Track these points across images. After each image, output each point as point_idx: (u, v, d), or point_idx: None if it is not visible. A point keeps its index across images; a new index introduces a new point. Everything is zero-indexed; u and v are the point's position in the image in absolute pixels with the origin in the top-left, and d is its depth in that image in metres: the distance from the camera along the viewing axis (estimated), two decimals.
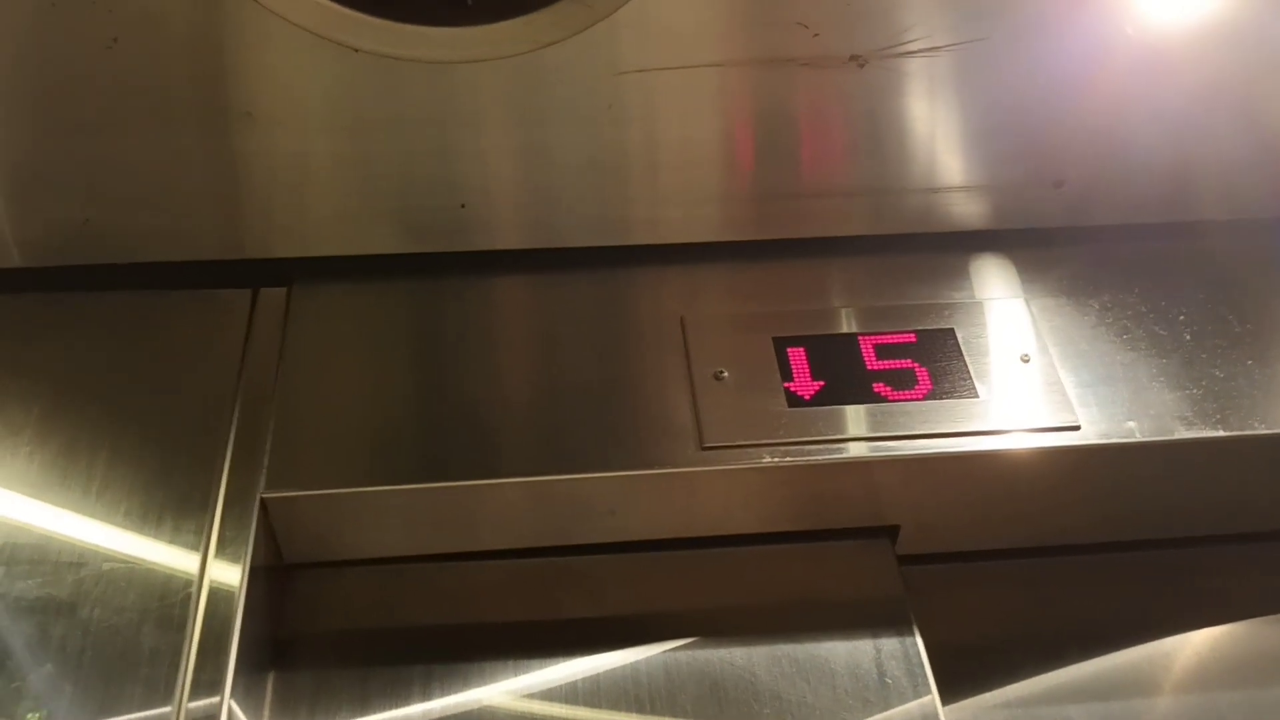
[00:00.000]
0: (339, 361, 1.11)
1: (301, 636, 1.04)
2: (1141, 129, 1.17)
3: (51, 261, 1.13)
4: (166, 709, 0.87)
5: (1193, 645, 1.11)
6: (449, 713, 0.98)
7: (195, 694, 0.88)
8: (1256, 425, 1.08)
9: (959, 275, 1.22)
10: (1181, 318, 1.18)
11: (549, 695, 1.00)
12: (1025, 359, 1.13)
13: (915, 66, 1.10)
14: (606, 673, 1.02)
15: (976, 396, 1.09)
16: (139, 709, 0.87)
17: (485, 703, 0.99)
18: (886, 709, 1.00)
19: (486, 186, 1.14)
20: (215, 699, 0.88)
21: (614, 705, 1.00)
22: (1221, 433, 1.08)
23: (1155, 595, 1.14)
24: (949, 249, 1.24)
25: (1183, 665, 1.09)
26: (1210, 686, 1.08)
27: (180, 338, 1.12)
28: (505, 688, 1.00)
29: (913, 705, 1.00)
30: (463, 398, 1.09)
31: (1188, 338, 1.16)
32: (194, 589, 0.93)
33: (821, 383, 1.10)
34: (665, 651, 1.03)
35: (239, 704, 0.91)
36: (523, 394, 1.09)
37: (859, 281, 1.21)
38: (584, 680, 1.01)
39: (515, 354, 1.13)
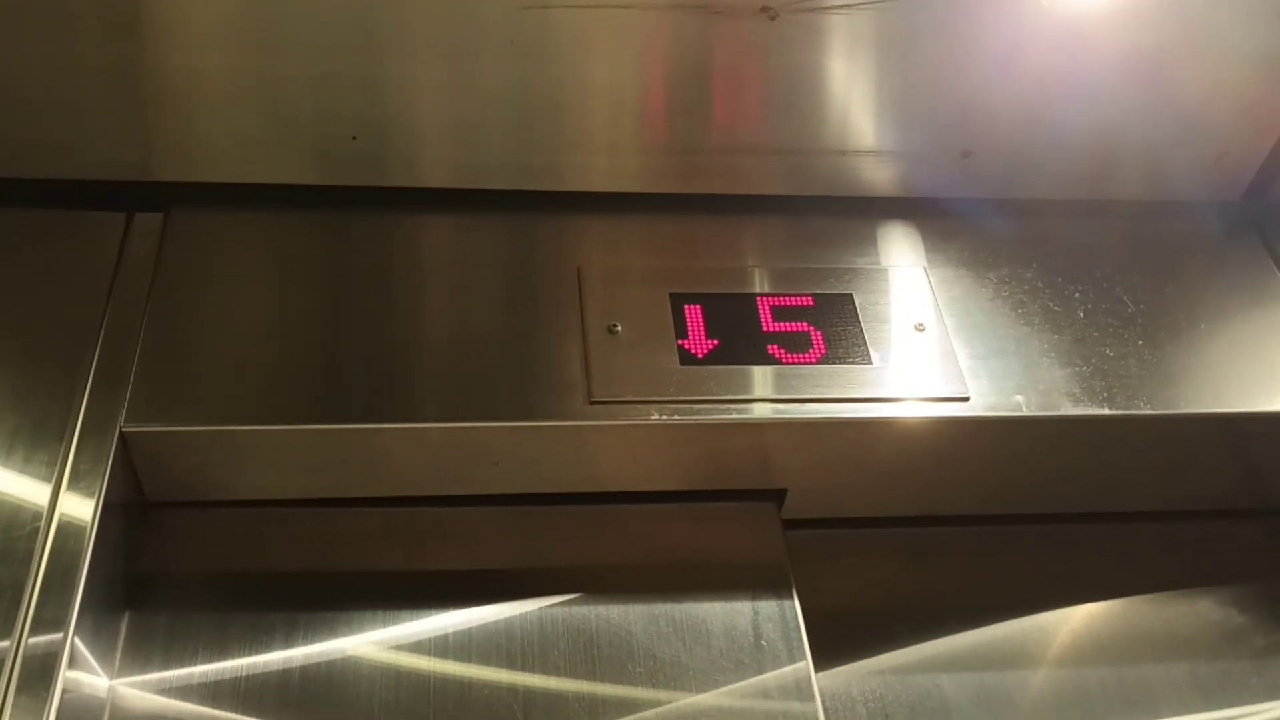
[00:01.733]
0: (212, 293, 1.06)
1: (161, 577, 0.99)
2: (1056, 104, 1.16)
3: None
4: (3, 643, 0.82)
5: (1068, 621, 1.12)
6: (311, 660, 0.95)
7: (36, 630, 0.83)
8: (1142, 405, 1.09)
9: (863, 241, 1.20)
10: (1076, 295, 1.18)
11: (418, 647, 0.97)
12: (920, 328, 1.12)
13: (828, 23, 1.07)
14: (479, 626, 0.99)
15: (870, 363, 1.08)
16: None
17: (350, 652, 0.96)
18: (760, 672, 0.99)
19: (397, 119, 1.10)
20: (58, 635, 0.84)
21: (485, 658, 0.98)
22: (1107, 411, 1.08)
23: (1035, 570, 1.15)
24: (855, 214, 1.22)
25: (1057, 640, 1.10)
26: (1083, 662, 1.09)
27: (47, 259, 1.06)
28: (372, 638, 0.98)
29: (786, 670, 0.99)
30: (341, 339, 1.04)
31: (1081, 315, 1.16)
32: (42, 521, 0.88)
33: (716, 341, 1.08)
34: (541, 607, 1.01)
35: (86, 644, 0.87)
36: (407, 339, 1.05)
37: (764, 242, 1.18)
38: (455, 633, 0.99)
39: (404, 297, 1.09)
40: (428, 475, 1.04)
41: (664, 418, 1.02)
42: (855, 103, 1.15)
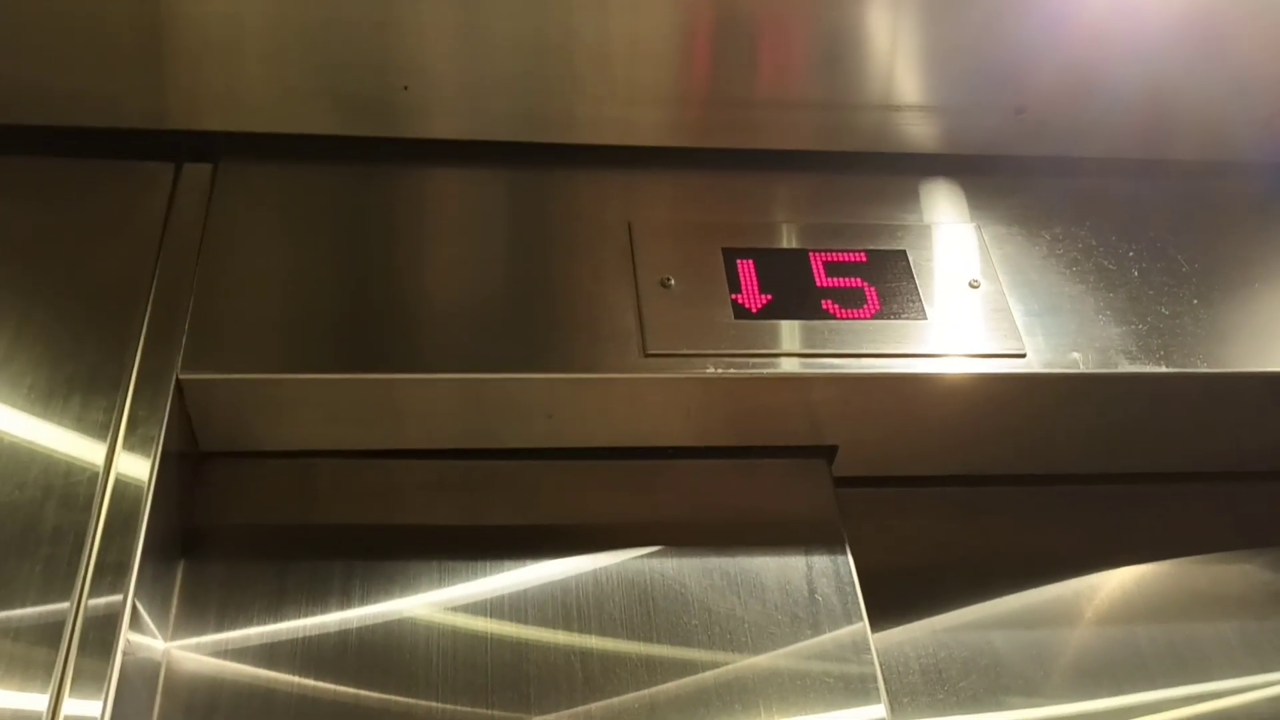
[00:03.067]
0: (265, 244, 1.05)
1: (214, 530, 0.98)
2: (1111, 61, 1.14)
3: None
4: (62, 604, 0.81)
5: (1118, 580, 1.11)
6: (367, 622, 0.94)
7: (97, 590, 0.82)
8: (1198, 363, 1.08)
9: (911, 197, 1.19)
10: (1131, 253, 1.17)
11: (474, 608, 0.96)
12: (974, 285, 1.11)
13: None
14: (534, 583, 0.99)
15: (925, 319, 1.07)
16: (36, 600, 0.81)
17: (406, 613, 0.95)
18: (815, 626, 0.99)
19: (431, 69, 1.08)
20: (118, 596, 0.82)
21: (540, 611, 0.97)
22: (1164, 369, 1.07)
23: (1085, 530, 1.15)
24: (906, 170, 1.21)
25: (1108, 599, 1.10)
26: (1133, 620, 1.08)
27: (98, 209, 1.05)
28: (429, 599, 0.96)
29: (844, 631, 0.99)
30: (394, 289, 1.04)
31: (1135, 274, 1.15)
32: (100, 472, 0.87)
33: (769, 296, 1.07)
34: (594, 561, 1.01)
35: (143, 604, 0.86)
36: (459, 289, 1.04)
37: (811, 198, 1.17)
38: (511, 593, 0.98)
39: (451, 248, 1.08)
40: (482, 427, 1.03)
41: (719, 371, 1.01)
42: (905, 56, 1.14)
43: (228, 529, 0.99)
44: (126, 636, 0.81)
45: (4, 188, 1.05)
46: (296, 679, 0.91)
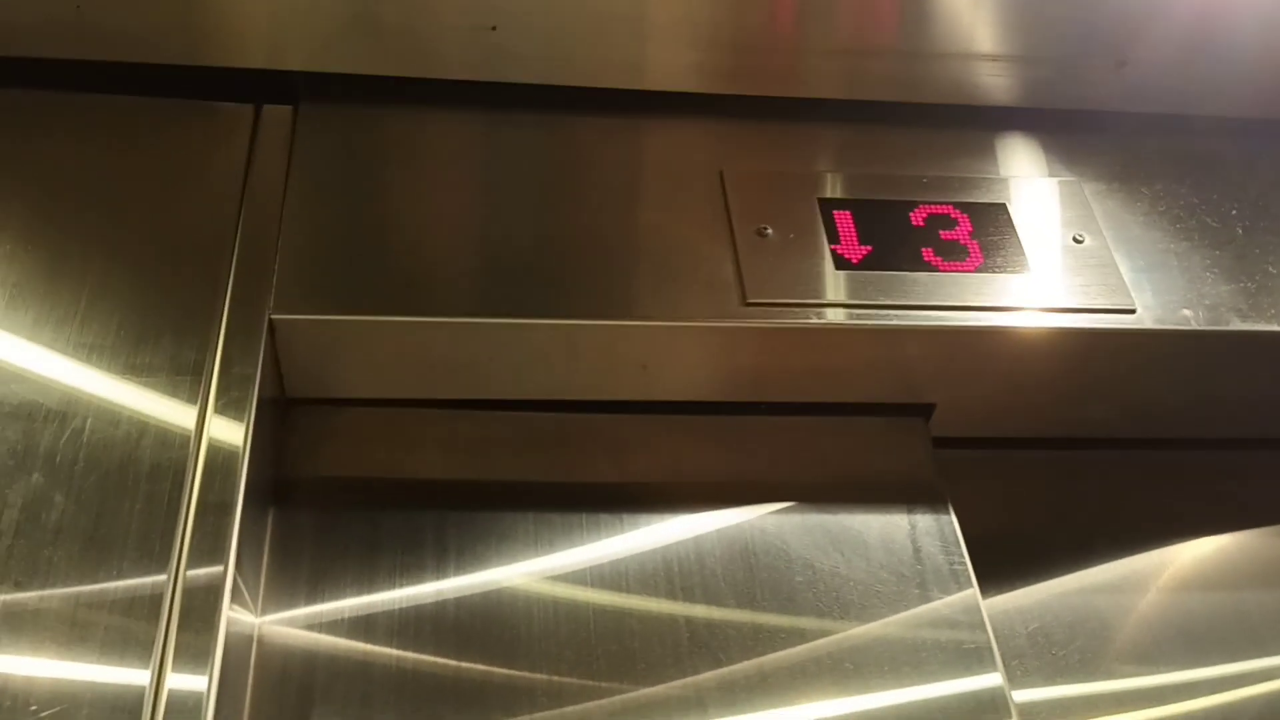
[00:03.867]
0: (351, 187, 1.01)
1: (304, 484, 0.95)
2: (1224, 17, 1.11)
3: (42, 53, 1.01)
4: (160, 576, 0.76)
5: (1224, 546, 1.08)
6: (464, 593, 0.90)
7: (196, 560, 0.77)
8: None
9: (1008, 151, 1.15)
10: (1234, 212, 1.13)
11: (575, 577, 0.92)
12: (1079, 239, 1.07)
13: None
14: (633, 547, 0.95)
15: (1029, 272, 1.04)
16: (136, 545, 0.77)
17: (504, 584, 0.91)
18: (923, 586, 0.95)
19: (518, 8, 1.05)
20: (218, 568, 0.77)
21: (641, 577, 0.93)
22: (1277, 327, 1.04)
23: (1190, 494, 1.11)
24: (998, 124, 1.17)
25: (1214, 564, 1.06)
26: (1240, 586, 1.05)
27: (178, 150, 1.02)
28: (528, 568, 0.92)
29: (952, 592, 0.95)
30: (486, 234, 1.00)
31: (1240, 232, 1.11)
32: (196, 415, 0.84)
33: (869, 248, 1.03)
34: (693, 521, 0.97)
35: (240, 564, 0.80)
36: (551, 234, 1.01)
37: (903, 150, 1.14)
38: (609, 556, 0.94)
39: (540, 194, 1.04)
40: (575, 378, 1.00)
41: (822, 321, 0.98)
42: (1002, 4, 1.10)
43: (317, 480, 0.95)
44: (229, 605, 0.77)
45: (83, 124, 1.01)
46: (395, 651, 0.87)
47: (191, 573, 0.77)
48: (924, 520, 1.00)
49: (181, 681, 0.73)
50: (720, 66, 1.12)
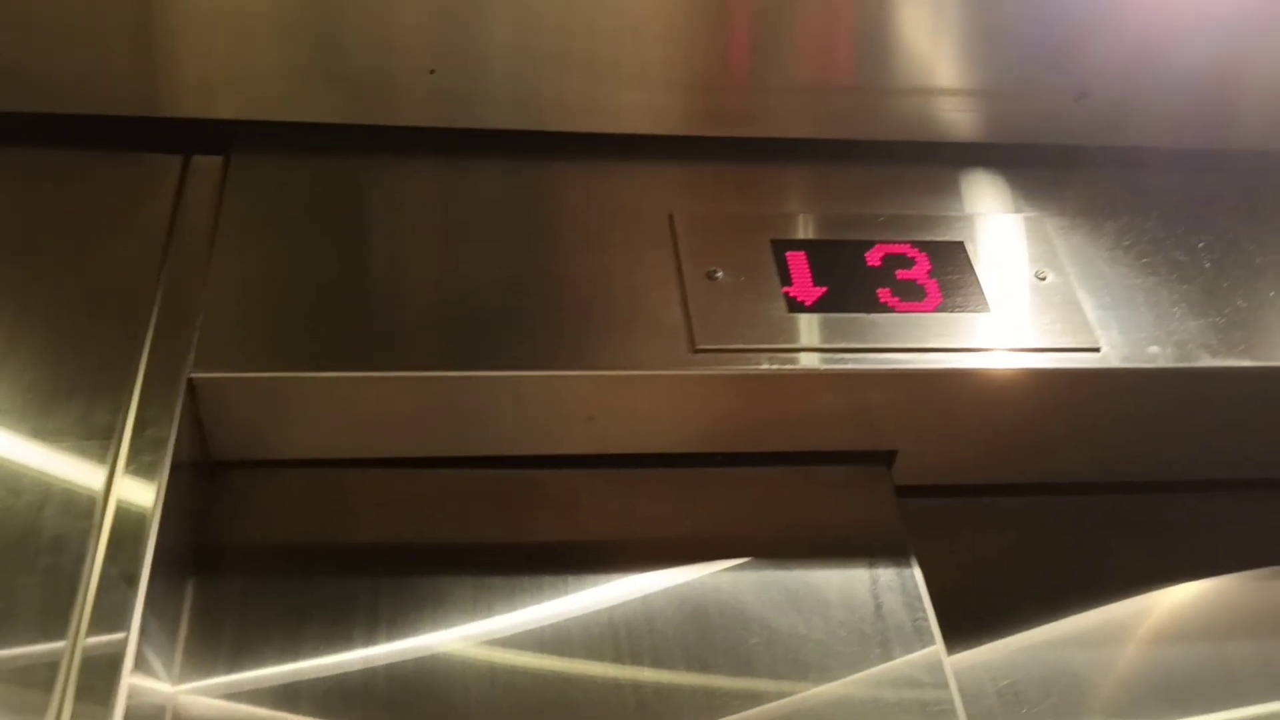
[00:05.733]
0: (281, 239, 0.98)
1: (228, 550, 0.90)
2: (1181, 46, 1.08)
3: None
4: (59, 644, 0.72)
5: (1203, 595, 1.03)
6: (397, 657, 0.85)
7: (96, 626, 0.73)
8: None
9: (967, 187, 1.12)
10: (1201, 245, 1.10)
11: (513, 642, 0.87)
12: (1041, 276, 1.04)
13: None
14: (578, 608, 0.90)
15: (989, 312, 1.00)
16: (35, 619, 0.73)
17: (439, 649, 0.86)
18: (885, 645, 0.90)
19: (458, 52, 1.01)
20: (120, 635, 0.73)
21: (587, 640, 0.88)
22: (1248, 363, 1.00)
23: (1164, 542, 1.07)
24: (956, 160, 1.14)
25: (1194, 615, 1.02)
26: (1223, 637, 1.00)
27: (100, 201, 0.98)
28: (465, 632, 0.87)
29: (915, 649, 0.90)
30: (420, 284, 0.96)
31: (1208, 266, 1.08)
32: (104, 479, 0.79)
33: (824, 289, 1.00)
34: (642, 580, 0.92)
35: (149, 641, 0.76)
36: (490, 283, 0.97)
37: (863, 188, 1.10)
38: (552, 618, 0.89)
39: (480, 241, 1.01)
40: (519, 432, 0.95)
41: (776, 366, 0.94)
42: (955, 40, 1.07)
43: (243, 546, 0.91)
44: (129, 680, 0.72)
45: (3, 179, 0.97)
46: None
47: (91, 640, 0.73)
48: (886, 574, 0.95)
49: None
50: (673, 108, 1.09)
